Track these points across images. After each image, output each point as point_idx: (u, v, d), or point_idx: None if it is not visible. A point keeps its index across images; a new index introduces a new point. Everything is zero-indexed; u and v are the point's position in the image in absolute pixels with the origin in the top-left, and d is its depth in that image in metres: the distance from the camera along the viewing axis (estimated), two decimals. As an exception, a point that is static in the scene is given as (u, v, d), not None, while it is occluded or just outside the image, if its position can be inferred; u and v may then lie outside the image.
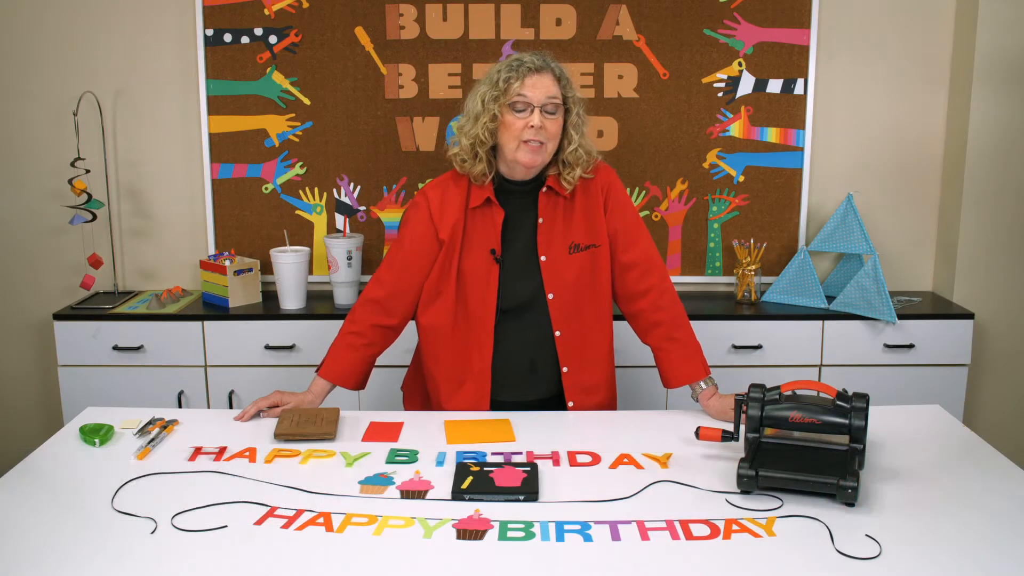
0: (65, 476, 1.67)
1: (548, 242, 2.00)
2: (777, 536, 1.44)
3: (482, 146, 1.96)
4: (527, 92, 1.89)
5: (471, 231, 2.00)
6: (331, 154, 3.08)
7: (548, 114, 1.91)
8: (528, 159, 1.92)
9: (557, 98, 1.91)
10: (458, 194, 2.01)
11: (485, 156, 1.97)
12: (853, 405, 1.60)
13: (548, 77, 1.92)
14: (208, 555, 1.39)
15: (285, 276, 2.91)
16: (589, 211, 2.02)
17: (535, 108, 1.89)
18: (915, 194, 3.14)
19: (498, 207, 2.00)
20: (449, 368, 2.03)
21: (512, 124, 1.91)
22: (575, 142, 1.96)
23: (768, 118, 3.06)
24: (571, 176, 1.98)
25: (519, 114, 1.90)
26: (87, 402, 2.50)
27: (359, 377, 2.08)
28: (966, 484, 1.62)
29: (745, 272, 3.02)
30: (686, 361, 2.02)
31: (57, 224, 3.12)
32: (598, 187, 2.04)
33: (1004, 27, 2.89)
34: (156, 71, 3.05)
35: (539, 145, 1.91)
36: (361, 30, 3.00)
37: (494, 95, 1.92)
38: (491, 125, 1.93)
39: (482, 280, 1.99)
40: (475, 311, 1.99)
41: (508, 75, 1.91)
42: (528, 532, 1.46)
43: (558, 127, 1.93)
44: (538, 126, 1.89)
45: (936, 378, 2.90)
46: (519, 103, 1.90)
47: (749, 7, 2.99)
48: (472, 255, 1.99)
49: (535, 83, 1.90)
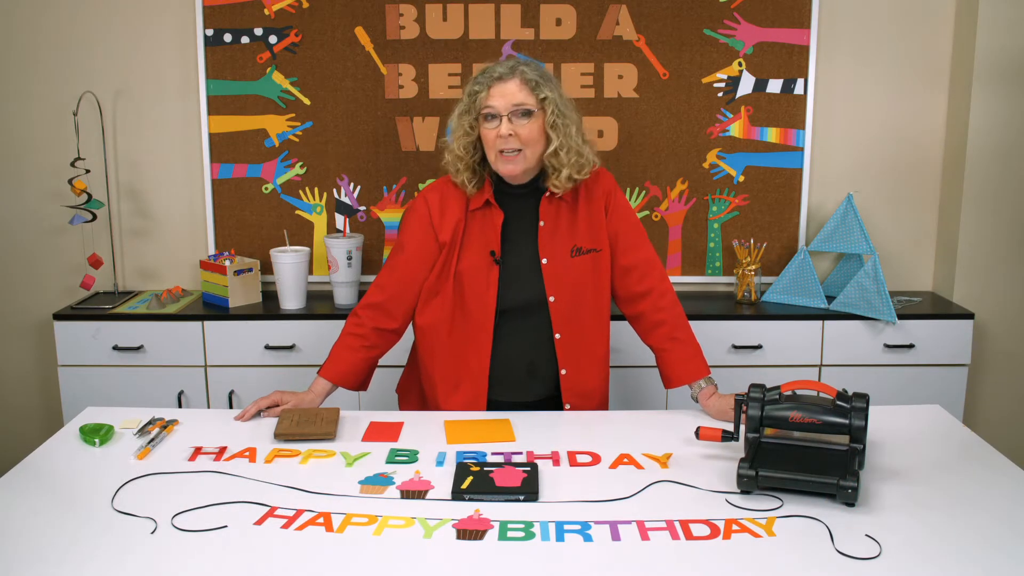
0: (65, 476, 1.67)
1: (550, 245, 2.00)
2: (777, 536, 1.44)
3: (460, 160, 1.96)
4: (493, 102, 1.89)
5: (470, 232, 2.00)
6: (331, 154, 3.08)
7: (521, 118, 1.89)
8: (505, 169, 1.92)
9: (525, 103, 1.89)
10: (458, 196, 2.01)
11: (467, 167, 1.97)
12: (853, 405, 1.60)
13: (513, 83, 1.90)
14: (208, 555, 1.39)
15: (285, 276, 2.91)
16: (591, 216, 2.03)
17: (503, 116, 1.89)
18: (915, 194, 3.14)
19: (497, 209, 2.00)
20: (446, 368, 2.03)
21: (487, 136, 1.91)
22: (555, 143, 1.92)
23: (768, 118, 3.06)
24: (557, 179, 1.94)
25: (489, 124, 1.90)
26: (87, 402, 2.50)
27: (360, 378, 2.08)
28: (966, 484, 1.62)
29: (745, 272, 3.02)
30: (687, 361, 2.03)
31: (57, 224, 3.12)
32: (600, 192, 2.04)
33: (1004, 27, 2.89)
34: (156, 71, 3.05)
35: (515, 153, 1.90)
36: (361, 30, 3.00)
37: (465, 108, 1.94)
38: (465, 140, 1.94)
39: (481, 281, 1.99)
40: (473, 312, 1.99)
41: (475, 88, 1.92)
42: (528, 532, 1.46)
43: (532, 131, 1.90)
44: (506, 134, 1.88)
45: (936, 378, 2.90)
46: (488, 113, 1.90)
47: (749, 7, 2.99)
48: (471, 256, 1.99)
49: (500, 91, 1.89)
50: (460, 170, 1.98)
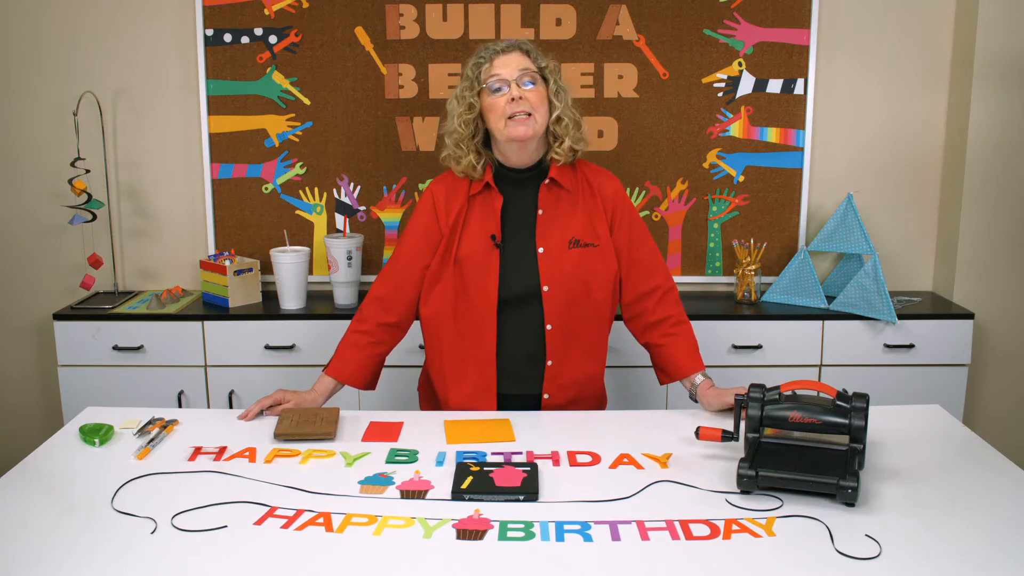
0: (65, 476, 1.67)
1: (547, 234, 2.01)
2: (777, 536, 1.44)
3: (463, 141, 2.00)
4: (499, 71, 1.95)
5: (471, 217, 2.02)
6: (331, 154, 3.08)
7: (528, 85, 1.94)
8: (520, 132, 1.94)
9: (531, 69, 1.96)
10: (462, 185, 2.05)
11: (471, 148, 2.00)
12: (853, 405, 1.60)
13: (516, 54, 1.97)
14: (208, 555, 1.39)
15: (285, 276, 2.91)
16: (590, 210, 2.03)
17: (511, 82, 1.94)
18: (915, 194, 3.14)
19: (497, 192, 2.01)
20: (453, 358, 2.03)
21: (495, 105, 1.95)
22: (558, 109, 1.98)
23: (768, 118, 3.06)
24: (561, 148, 2.00)
25: (497, 93, 1.95)
26: (87, 402, 2.50)
27: (367, 376, 2.08)
28: (966, 484, 1.62)
29: (745, 272, 3.02)
30: (689, 354, 2.04)
31: (57, 224, 3.12)
32: (603, 192, 2.05)
33: (1004, 27, 2.89)
34: (156, 71, 3.05)
35: (527, 116, 1.93)
36: (361, 30, 3.00)
37: (468, 85, 1.99)
38: (467, 115, 1.98)
39: (481, 266, 1.99)
40: (476, 299, 2.00)
41: (477, 62, 1.99)
42: (528, 532, 1.46)
43: (540, 97, 1.96)
44: (518, 97, 1.92)
45: (936, 378, 2.90)
46: (494, 82, 1.95)
47: (749, 7, 2.99)
48: (471, 240, 2.01)
49: (504, 61, 1.96)
50: (464, 154, 2.00)
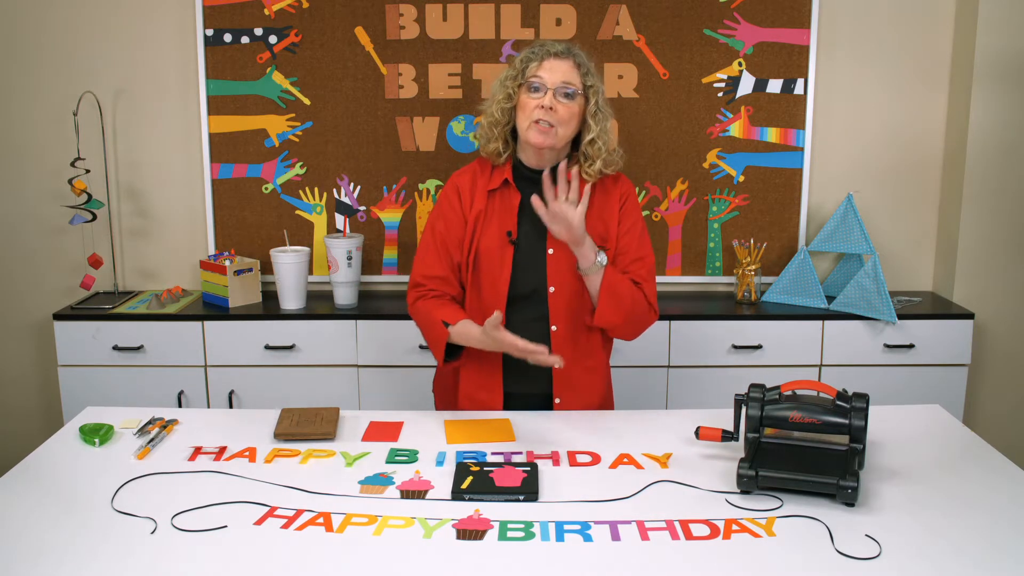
0: (65, 476, 1.67)
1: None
2: (777, 536, 1.44)
3: (496, 126, 2.00)
4: (543, 74, 1.93)
5: (490, 212, 2.03)
6: (331, 154, 3.08)
7: (564, 99, 1.93)
8: (537, 139, 1.93)
9: (573, 84, 1.93)
10: (483, 178, 2.05)
11: (500, 135, 2.01)
12: (853, 405, 1.60)
13: (568, 63, 1.95)
14: (208, 555, 1.39)
15: (285, 276, 2.91)
16: (604, 213, 2.03)
17: (548, 90, 1.92)
18: (915, 194, 3.14)
19: (515, 189, 2.02)
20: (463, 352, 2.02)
21: (526, 104, 1.94)
22: (593, 132, 1.97)
23: (768, 118, 3.06)
24: (591, 169, 1.99)
25: (533, 94, 1.94)
26: (87, 402, 2.50)
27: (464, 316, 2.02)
28: (966, 484, 1.62)
29: (745, 272, 3.02)
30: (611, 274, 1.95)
31: (57, 224, 3.12)
32: (617, 194, 2.05)
33: (1004, 27, 2.89)
34: (156, 71, 3.05)
35: (549, 127, 1.92)
36: (361, 30, 3.00)
37: (512, 75, 1.97)
38: (505, 104, 1.98)
39: (496, 261, 2.00)
40: (486, 294, 2.01)
41: (529, 55, 1.97)
42: (528, 532, 1.46)
43: (571, 113, 1.94)
44: (548, 107, 1.91)
45: (936, 378, 2.90)
46: (534, 83, 1.94)
47: (749, 7, 2.99)
48: (488, 235, 2.01)
49: (553, 66, 1.94)
50: (495, 137, 2.01)
